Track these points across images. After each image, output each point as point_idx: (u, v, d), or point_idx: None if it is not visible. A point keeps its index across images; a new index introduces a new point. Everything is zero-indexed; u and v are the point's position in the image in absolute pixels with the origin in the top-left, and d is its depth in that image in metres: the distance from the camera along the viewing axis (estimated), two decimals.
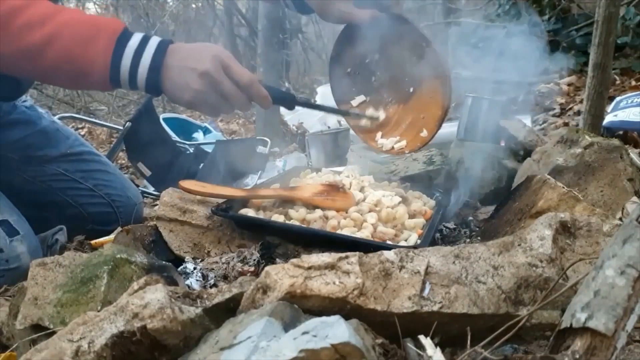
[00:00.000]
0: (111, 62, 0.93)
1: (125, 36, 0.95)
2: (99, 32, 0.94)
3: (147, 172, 1.95)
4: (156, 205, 1.60)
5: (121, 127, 2.15)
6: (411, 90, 1.16)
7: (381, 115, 1.18)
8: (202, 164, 2.07)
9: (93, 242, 1.25)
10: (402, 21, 1.11)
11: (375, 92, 1.20)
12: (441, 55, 1.08)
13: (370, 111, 1.19)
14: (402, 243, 0.92)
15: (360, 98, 1.20)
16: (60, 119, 2.06)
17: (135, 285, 0.68)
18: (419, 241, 0.91)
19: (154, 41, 0.96)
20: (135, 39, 0.95)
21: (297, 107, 1.09)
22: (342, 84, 1.22)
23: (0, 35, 0.90)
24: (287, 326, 0.54)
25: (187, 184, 1.03)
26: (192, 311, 0.60)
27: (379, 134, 1.17)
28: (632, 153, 1.18)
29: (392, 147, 1.13)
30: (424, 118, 1.13)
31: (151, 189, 2.01)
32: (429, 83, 1.13)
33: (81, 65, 0.93)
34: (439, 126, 1.09)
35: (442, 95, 1.09)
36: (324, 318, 0.52)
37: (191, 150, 2.38)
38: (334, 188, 1.04)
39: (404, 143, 1.13)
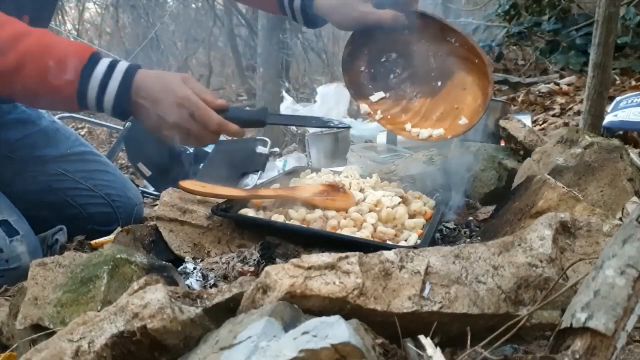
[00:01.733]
0: (77, 94, 0.95)
1: (89, 66, 0.95)
2: (62, 63, 0.94)
3: (147, 172, 1.95)
4: (156, 205, 1.60)
5: (121, 127, 2.15)
6: (439, 84, 1.15)
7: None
8: (202, 164, 2.08)
9: (93, 242, 1.25)
10: (427, 18, 1.11)
11: (395, 89, 1.20)
12: (476, 45, 1.08)
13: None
14: (402, 243, 0.92)
15: (380, 94, 1.19)
16: (60, 118, 2.06)
17: (135, 285, 0.68)
18: (419, 241, 0.91)
19: (119, 72, 0.96)
20: (101, 67, 0.95)
21: (288, 114, 1.09)
22: (357, 82, 1.22)
23: None
24: (287, 326, 0.54)
25: (187, 184, 1.03)
26: (192, 311, 0.60)
27: (408, 124, 1.16)
28: (632, 153, 1.18)
29: (431, 135, 1.13)
30: (457, 108, 1.13)
31: (151, 189, 2.01)
32: (461, 75, 1.13)
33: (49, 94, 0.95)
34: (482, 113, 1.08)
35: (482, 83, 1.09)
36: (324, 318, 0.52)
37: (191, 150, 2.38)
38: (334, 188, 1.04)
39: (441, 131, 1.13)
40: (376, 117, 1.17)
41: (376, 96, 1.19)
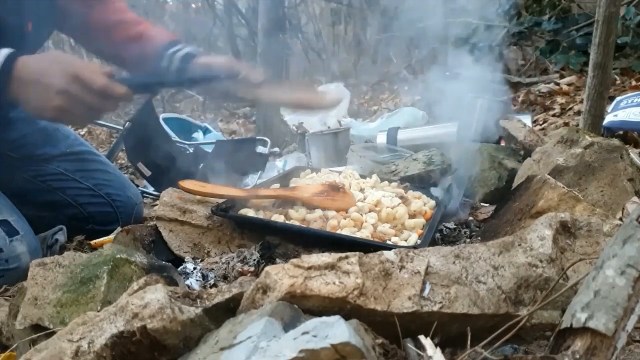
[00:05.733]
0: None
1: None
2: None
3: (147, 172, 1.94)
4: (156, 205, 1.60)
5: (121, 127, 2.15)
6: None
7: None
8: (202, 164, 2.07)
9: (93, 242, 1.25)
10: None
11: None
12: None
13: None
14: (402, 243, 0.92)
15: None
16: None
17: (135, 285, 0.68)
18: (419, 241, 0.91)
19: (3, 53, 0.94)
20: None
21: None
22: None
23: None
24: (287, 326, 0.54)
25: (187, 184, 1.03)
26: (192, 311, 0.60)
27: None
28: (632, 153, 1.18)
29: None
30: None
31: (151, 189, 2.00)
32: None
33: None
34: None
35: None
36: (324, 318, 0.52)
37: (191, 150, 2.38)
38: (334, 188, 1.04)
39: None
40: None
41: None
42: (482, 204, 1.23)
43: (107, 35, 1.28)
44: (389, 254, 0.65)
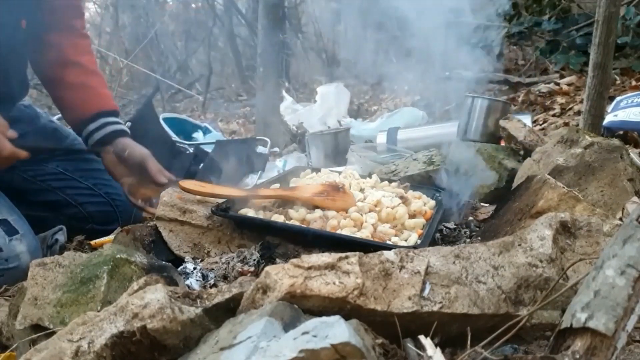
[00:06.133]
0: None
1: None
2: None
3: None
4: None
5: None
6: None
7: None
8: (202, 164, 2.07)
9: (93, 242, 1.25)
10: None
11: None
12: None
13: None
14: (402, 243, 0.92)
15: None
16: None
17: (135, 285, 0.68)
18: (419, 241, 0.91)
19: None
20: None
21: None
22: None
23: None
24: (287, 326, 0.54)
25: (187, 184, 1.03)
26: (192, 311, 0.60)
27: None
28: (632, 153, 1.18)
29: None
30: None
31: None
32: None
33: None
34: None
35: None
36: (324, 318, 0.52)
37: (191, 150, 2.37)
38: (334, 188, 1.04)
39: None
40: None
41: None
42: (482, 204, 1.23)
43: (60, 72, 1.32)
44: (389, 254, 0.65)
